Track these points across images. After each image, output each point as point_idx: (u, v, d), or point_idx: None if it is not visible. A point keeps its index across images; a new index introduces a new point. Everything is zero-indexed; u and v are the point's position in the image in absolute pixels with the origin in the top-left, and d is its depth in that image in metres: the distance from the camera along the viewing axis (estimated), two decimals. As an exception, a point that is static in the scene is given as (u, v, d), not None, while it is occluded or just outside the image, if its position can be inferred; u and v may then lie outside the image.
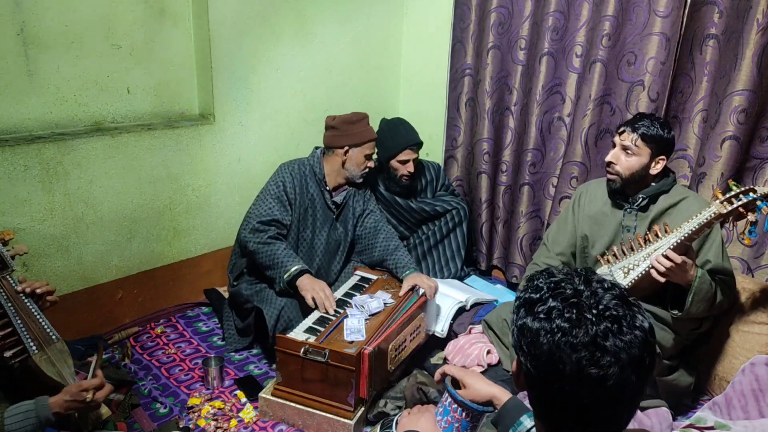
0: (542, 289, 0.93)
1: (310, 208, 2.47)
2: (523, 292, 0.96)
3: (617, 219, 2.14)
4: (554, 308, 0.89)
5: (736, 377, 1.91)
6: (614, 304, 0.88)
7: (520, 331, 0.91)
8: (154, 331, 2.54)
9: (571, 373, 0.84)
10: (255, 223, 2.34)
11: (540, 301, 0.91)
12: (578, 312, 0.87)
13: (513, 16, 2.82)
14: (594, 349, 0.84)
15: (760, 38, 2.11)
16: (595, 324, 0.86)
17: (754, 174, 2.32)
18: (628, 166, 2.04)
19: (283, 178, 2.42)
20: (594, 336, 0.85)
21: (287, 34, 2.78)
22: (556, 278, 0.94)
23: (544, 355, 0.87)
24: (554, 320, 0.87)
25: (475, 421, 1.29)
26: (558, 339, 0.86)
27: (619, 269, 1.99)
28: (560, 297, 0.90)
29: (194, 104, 2.69)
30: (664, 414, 1.95)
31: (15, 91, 2.13)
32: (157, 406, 2.10)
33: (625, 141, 2.03)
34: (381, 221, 2.63)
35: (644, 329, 0.87)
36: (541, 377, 0.88)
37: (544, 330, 0.87)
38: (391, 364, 2.09)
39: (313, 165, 2.49)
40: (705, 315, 2.01)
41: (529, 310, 0.91)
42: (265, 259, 2.30)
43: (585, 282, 0.92)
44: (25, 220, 2.14)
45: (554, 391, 0.88)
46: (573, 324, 0.86)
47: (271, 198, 2.39)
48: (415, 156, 2.80)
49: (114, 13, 2.30)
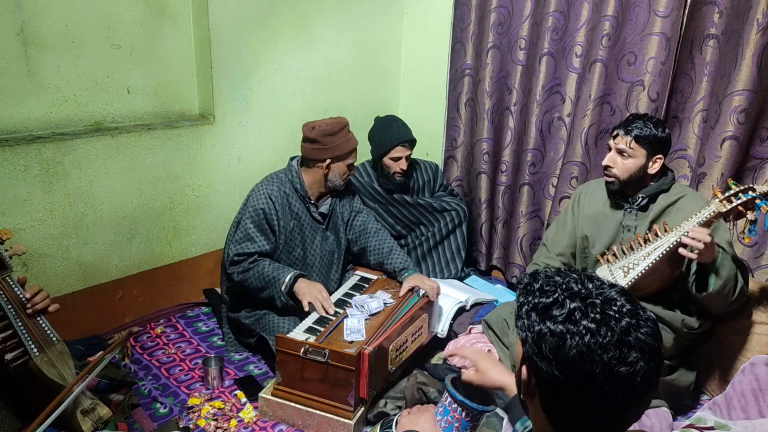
0: (552, 291, 0.90)
1: (297, 226, 2.38)
2: (527, 296, 0.92)
3: (617, 219, 2.14)
4: (576, 309, 0.86)
5: (736, 377, 1.91)
6: (624, 300, 0.88)
7: (539, 337, 0.87)
8: (154, 331, 2.54)
9: (601, 374, 0.83)
10: (233, 256, 2.28)
11: (556, 303, 0.88)
12: (601, 311, 0.86)
13: (513, 16, 2.82)
14: (621, 346, 0.83)
15: (760, 38, 2.11)
16: (617, 321, 0.85)
17: (754, 174, 2.32)
18: (625, 168, 2.03)
19: (262, 206, 2.29)
20: (620, 333, 0.84)
21: (287, 35, 2.78)
22: (559, 279, 0.92)
23: (573, 359, 0.83)
24: (579, 322, 0.85)
25: (475, 421, 1.29)
26: (588, 341, 0.83)
27: (619, 269, 1.99)
28: (577, 297, 0.88)
29: (194, 104, 2.69)
30: (664, 414, 1.95)
31: (15, 91, 2.13)
32: (157, 406, 2.10)
33: (619, 144, 2.03)
34: (369, 220, 2.57)
35: (653, 319, 0.88)
36: (568, 381, 0.85)
37: (571, 333, 0.84)
38: (392, 364, 2.09)
39: (293, 180, 2.38)
40: (728, 299, 1.95)
41: (544, 314, 0.88)
42: (255, 283, 2.24)
43: (588, 280, 0.91)
44: (25, 220, 2.14)
45: (583, 394, 0.85)
46: (599, 323, 0.84)
47: (252, 226, 2.28)
48: (408, 153, 2.79)
49: (114, 13, 2.30)
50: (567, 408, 0.88)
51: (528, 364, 0.90)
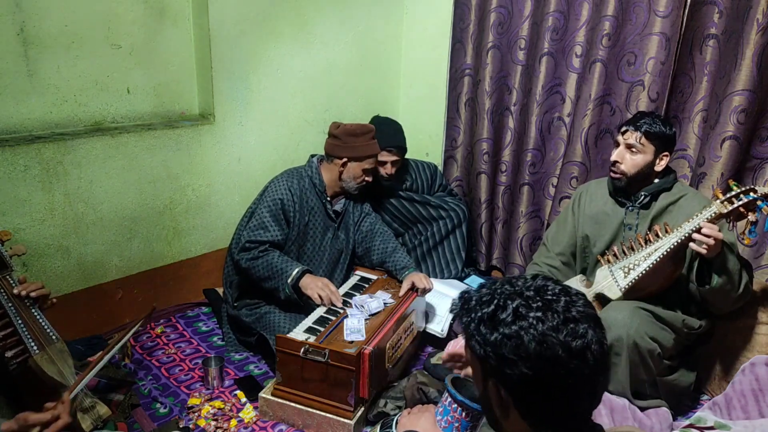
0: (489, 299, 0.93)
1: (311, 221, 2.42)
2: (468, 315, 0.95)
3: (618, 217, 2.14)
4: (518, 306, 0.90)
5: (736, 377, 1.91)
6: (552, 283, 0.94)
7: (497, 345, 0.89)
8: (154, 331, 2.54)
9: (564, 354, 0.86)
10: (245, 242, 2.29)
11: (499, 308, 0.91)
12: (541, 299, 0.90)
13: (513, 16, 2.82)
14: (568, 323, 0.88)
15: (760, 38, 2.11)
16: (557, 302, 0.90)
17: (754, 174, 2.32)
18: (634, 164, 2.04)
19: (281, 196, 2.33)
20: (564, 312, 0.89)
21: (287, 35, 2.78)
22: (487, 290, 0.96)
23: (535, 351, 0.87)
24: (527, 316, 0.89)
25: (475, 421, 1.29)
26: (541, 329, 0.87)
27: (620, 269, 1.99)
28: (514, 296, 0.92)
29: (194, 104, 2.69)
30: (664, 414, 1.95)
31: (15, 91, 2.13)
32: (157, 406, 2.10)
33: (629, 139, 2.04)
34: (377, 223, 2.61)
35: (581, 292, 0.94)
36: (538, 374, 0.87)
37: (524, 328, 0.88)
38: (389, 362, 2.10)
39: (312, 176, 2.43)
40: (730, 295, 1.94)
41: (491, 323, 0.91)
42: (262, 272, 2.26)
43: (515, 280, 0.96)
44: (25, 220, 2.14)
45: (555, 382, 0.88)
46: (544, 311, 0.89)
47: (268, 215, 2.31)
48: (394, 158, 2.78)
49: (114, 13, 2.30)
50: (545, 403, 0.90)
51: (494, 378, 0.92)
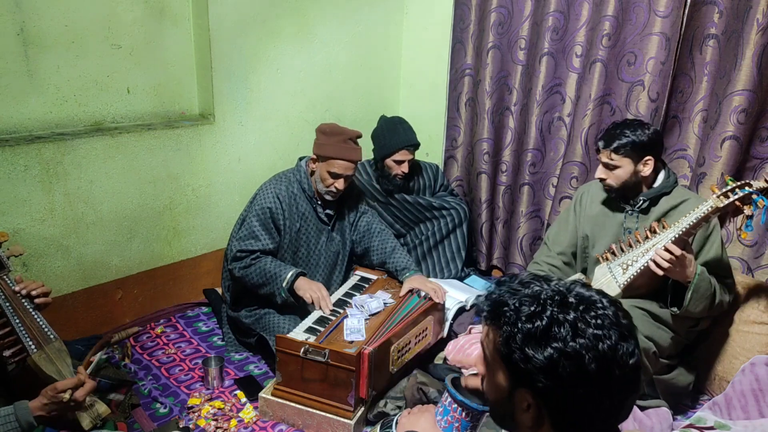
0: (537, 313, 0.82)
1: (303, 227, 2.39)
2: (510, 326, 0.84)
3: (618, 220, 2.14)
4: (575, 319, 0.81)
5: (736, 377, 1.91)
6: (593, 293, 0.86)
7: (549, 366, 0.79)
8: (154, 331, 2.54)
9: (620, 374, 0.80)
10: (236, 251, 2.28)
11: (553, 321, 0.81)
12: (593, 310, 0.82)
13: (513, 16, 2.82)
14: (622, 340, 0.80)
15: (760, 38, 2.11)
16: (606, 315, 0.82)
17: (754, 174, 2.32)
18: (617, 178, 2.05)
19: (269, 204, 2.29)
20: (617, 326, 0.81)
21: (287, 34, 2.78)
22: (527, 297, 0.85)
23: (593, 373, 0.78)
24: (585, 332, 0.79)
25: (475, 421, 1.29)
26: (602, 348, 0.79)
27: (618, 266, 1.99)
28: (565, 307, 0.82)
29: (194, 104, 2.69)
30: (664, 414, 1.95)
31: (15, 91, 2.13)
32: (157, 406, 2.10)
33: (602, 158, 2.06)
34: (374, 221, 2.57)
35: (615, 299, 0.87)
36: (589, 394, 0.80)
37: (585, 347, 0.78)
38: (394, 365, 2.08)
39: (300, 181, 2.38)
40: (705, 315, 2.00)
41: (542, 341, 0.80)
42: (256, 279, 2.24)
43: (545, 281, 0.88)
44: (25, 220, 2.14)
45: (602, 398, 0.81)
46: (602, 327, 0.80)
47: (258, 224, 2.28)
48: (411, 157, 2.80)
49: (114, 13, 2.30)
50: (587, 415, 0.83)
51: (530, 390, 0.83)
